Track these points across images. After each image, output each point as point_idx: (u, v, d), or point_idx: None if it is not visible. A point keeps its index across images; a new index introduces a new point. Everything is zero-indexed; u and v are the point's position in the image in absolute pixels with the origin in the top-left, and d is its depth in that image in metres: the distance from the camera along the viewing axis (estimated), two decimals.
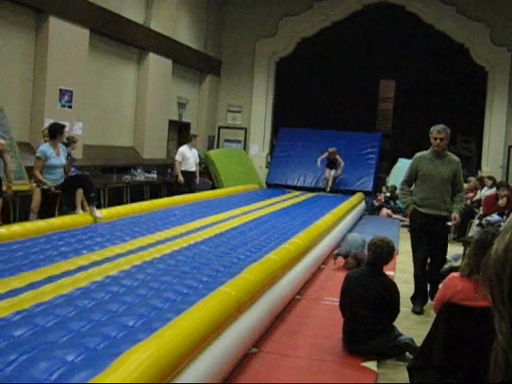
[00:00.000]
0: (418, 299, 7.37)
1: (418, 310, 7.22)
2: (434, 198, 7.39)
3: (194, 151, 14.69)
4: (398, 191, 8.70)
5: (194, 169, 14.56)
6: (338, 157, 17.97)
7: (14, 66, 11.86)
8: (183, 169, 14.24)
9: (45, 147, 9.31)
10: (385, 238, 5.90)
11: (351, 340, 5.54)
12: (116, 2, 14.81)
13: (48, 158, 9.21)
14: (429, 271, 7.56)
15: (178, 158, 14.35)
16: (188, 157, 14.34)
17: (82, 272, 5.69)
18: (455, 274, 4.32)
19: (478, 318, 4.00)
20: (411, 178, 7.64)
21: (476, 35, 19.73)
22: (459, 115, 20.18)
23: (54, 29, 12.28)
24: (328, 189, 17.96)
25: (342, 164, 17.91)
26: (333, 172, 18.02)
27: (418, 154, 7.67)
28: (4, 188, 8.91)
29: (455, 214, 7.45)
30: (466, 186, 11.52)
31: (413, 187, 7.77)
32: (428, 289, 7.54)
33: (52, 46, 12.27)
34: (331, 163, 18.02)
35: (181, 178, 14.10)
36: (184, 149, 14.53)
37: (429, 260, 7.58)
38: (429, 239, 7.45)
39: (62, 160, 9.45)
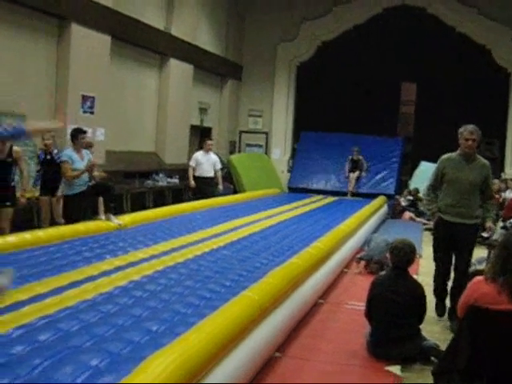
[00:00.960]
0: (439, 309, 7.15)
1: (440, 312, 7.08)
2: (461, 204, 6.83)
3: (211, 156, 14.10)
4: (422, 196, 8.37)
5: (209, 174, 13.98)
6: (360, 157, 18.01)
7: (36, 72, 11.95)
8: (197, 174, 13.82)
9: (69, 151, 9.39)
10: (405, 240, 5.88)
11: (377, 344, 5.51)
12: (137, 8, 14.90)
13: (73, 162, 9.29)
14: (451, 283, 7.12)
15: (191, 163, 14.07)
16: (201, 162, 13.85)
17: (105, 277, 5.71)
18: (480, 278, 4.28)
19: (502, 322, 3.96)
20: (437, 183, 7.06)
21: (498, 37, 19.59)
22: (481, 117, 20.03)
23: (76, 35, 12.37)
24: (349, 193, 17.99)
25: (365, 165, 17.95)
26: (356, 173, 18.03)
27: (444, 156, 7.07)
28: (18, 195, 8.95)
29: (490, 224, 7.08)
30: None
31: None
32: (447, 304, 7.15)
33: (74, 52, 12.35)
34: (354, 165, 18.07)
35: (192, 183, 13.76)
36: (198, 154, 14.10)
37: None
38: (453, 249, 6.98)
39: (84, 165, 9.50)
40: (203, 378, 3.63)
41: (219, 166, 14.27)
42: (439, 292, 7.17)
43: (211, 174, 14.02)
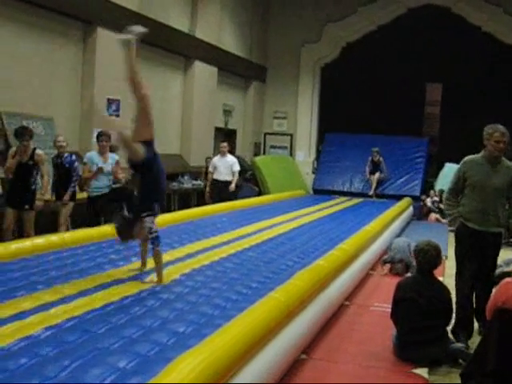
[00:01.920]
0: (462, 330, 6.14)
1: (464, 344, 5.81)
2: (485, 211, 6.25)
3: (228, 159, 13.77)
4: (443, 200, 7.46)
5: (226, 178, 13.58)
6: (381, 158, 17.94)
7: (62, 76, 12.06)
8: (214, 178, 13.68)
9: (91, 153, 9.53)
10: (430, 242, 5.83)
11: (403, 347, 5.48)
12: (161, 11, 14.97)
13: (93, 164, 9.44)
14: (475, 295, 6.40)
15: (209, 168, 14.01)
16: (218, 166, 13.67)
17: (132, 280, 5.74)
18: (509, 279, 4.25)
19: None
20: (458, 187, 6.47)
21: None
22: (508, 118, 19.88)
23: (101, 39, 12.45)
24: (372, 193, 17.92)
25: (385, 166, 17.89)
26: (376, 175, 17.96)
27: (467, 158, 6.49)
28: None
29: None
30: None
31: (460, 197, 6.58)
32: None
33: (99, 56, 12.44)
34: (374, 166, 18.00)
35: (207, 188, 13.92)
36: (215, 158, 14.08)
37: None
38: (476, 258, 6.31)
39: (108, 167, 9.61)
40: (230, 379, 3.63)
41: (237, 167, 13.79)
42: (462, 310, 6.25)
43: (228, 178, 13.64)
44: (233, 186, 13.60)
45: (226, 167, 13.62)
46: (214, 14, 17.39)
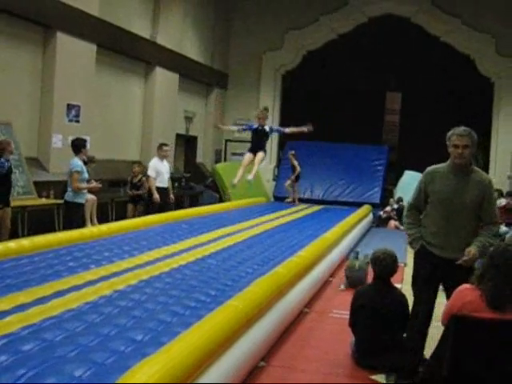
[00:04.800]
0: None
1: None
2: (452, 233, 5.13)
3: (166, 164, 12.64)
4: (403, 218, 6.51)
5: (167, 185, 12.61)
6: (295, 162, 17.62)
7: (21, 81, 11.94)
8: (158, 185, 12.24)
9: (80, 162, 9.68)
10: (387, 250, 5.86)
11: (361, 354, 5.52)
12: (123, 17, 14.92)
13: (82, 173, 9.52)
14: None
15: (150, 173, 12.21)
16: (162, 171, 12.32)
17: (90, 287, 5.69)
18: (466, 285, 4.29)
19: (484, 330, 3.99)
20: (420, 203, 5.38)
21: (482, 46, 19.80)
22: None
23: (61, 44, 12.37)
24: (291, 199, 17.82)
25: (298, 169, 17.61)
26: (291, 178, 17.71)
27: (429, 169, 5.37)
28: None
29: (471, 248, 5.00)
30: None
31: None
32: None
33: (59, 61, 12.36)
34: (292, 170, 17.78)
35: (156, 195, 12.07)
36: (155, 162, 12.37)
37: None
38: (436, 291, 5.32)
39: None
40: None
41: (168, 174, 12.85)
42: (416, 340, 5.33)
43: (168, 185, 12.76)
44: (172, 196, 13.04)
45: (167, 172, 12.58)
46: (176, 21, 17.37)
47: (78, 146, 9.87)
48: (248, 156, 12.48)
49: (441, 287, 5.39)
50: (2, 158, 9.47)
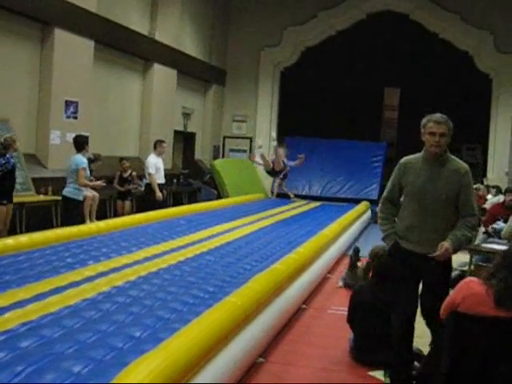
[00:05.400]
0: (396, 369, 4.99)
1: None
2: (426, 227, 4.83)
3: (161, 160, 12.43)
4: (377, 212, 5.80)
5: (164, 181, 12.57)
6: (284, 160, 17.29)
7: (19, 77, 11.92)
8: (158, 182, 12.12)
9: (84, 158, 9.77)
10: (385, 247, 5.85)
11: (360, 350, 5.52)
12: (121, 13, 14.89)
13: (87, 169, 9.59)
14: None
15: (151, 170, 11.99)
16: (159, 167, 12.16)
17: (88, 283, 5.69)
18: (472, 278, 4.26)
19: (483, 328, 3.98)
20: (394, 195, 5.09)
21: (480, 43, 19.79)
22: (464, 123, 20.20)
23: (59, 40, 12.34)
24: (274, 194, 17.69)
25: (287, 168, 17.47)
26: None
27: (403, 160, 5.10)
28: None
29: (445, 242, 4.68)
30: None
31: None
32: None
33: (57, 57, 12.33)
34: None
35: (159, 194, 11.95)
36: (153, 158, 12.20)
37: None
38: (413, 290, 4.93)
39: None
40: (186, 383, 3.62)
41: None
42: (400, 342, 4.98)
43: (164, 181, 12.69)
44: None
45: (163, 169, 12.46)
46: (174, 17, 17.35)
47: (80, 142, 9.90)
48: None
49: None
50: (8, 154, 9.48)
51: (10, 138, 9.71)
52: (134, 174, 13.63)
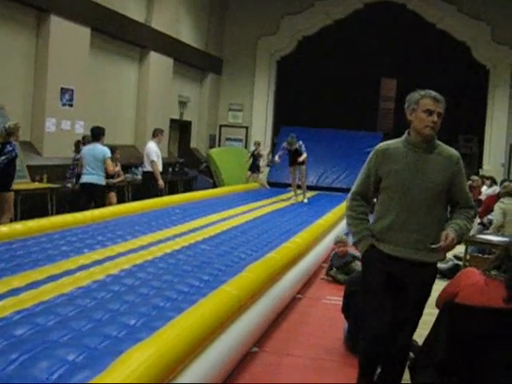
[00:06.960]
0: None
1: None
2: (411, 226, 4.04)
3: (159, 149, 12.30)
4: (346, 209, 4.53)
5: (161, 169, 12.27)
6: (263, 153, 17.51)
7: (14, 64, 11.86)
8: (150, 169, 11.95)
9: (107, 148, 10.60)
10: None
11: (355, 340, 5.53)
12: (117, 0, 14.81)
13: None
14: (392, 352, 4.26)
15: (154, 157, 11.83)
16: (160, 155, 12.11)
17: (82, 271, 5.68)
18: (472, 268, 4.25)
19: (479, 319, 3.97)
20: (368, 190, 4.29)
21: (477, 34, 19.78)
22: (460, 114, 20.22)
23: (55, 27, 12.28)
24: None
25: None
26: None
27: (379, 147, 4.32)
28: None
29: (449, 232, 3.97)
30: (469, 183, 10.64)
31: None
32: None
33: (53, 44, 12.28)
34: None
35: (161, 182, 11.95)
36: (153, 146, 12.02)
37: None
38: (396, 300, 4.11)
39: None
40: (181, 371, 3.63)
41: None
42: (368, 369, 4.32)
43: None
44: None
45: (161, 157, 12.30)
46: (170, 5, 17.28)
47: (98, 133, 10.57)
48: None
49: None
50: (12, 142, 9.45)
51: (15, 125, 9.65)
52: (118, 169, 12.81)
